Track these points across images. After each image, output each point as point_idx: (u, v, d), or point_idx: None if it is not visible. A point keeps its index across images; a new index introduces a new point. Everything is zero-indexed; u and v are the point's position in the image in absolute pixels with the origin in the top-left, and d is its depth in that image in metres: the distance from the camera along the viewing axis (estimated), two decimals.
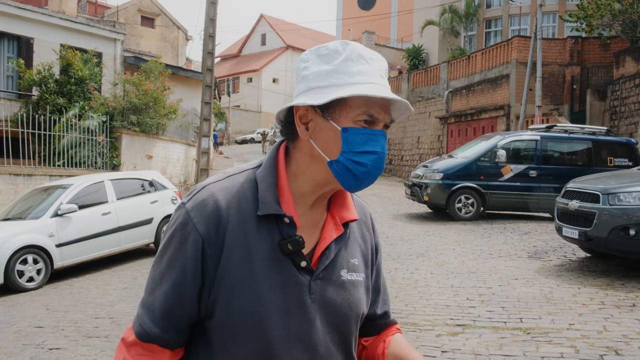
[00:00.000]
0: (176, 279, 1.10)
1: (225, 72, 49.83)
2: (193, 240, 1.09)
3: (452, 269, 7.07)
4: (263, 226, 1.12)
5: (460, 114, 21.12)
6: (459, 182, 11.14)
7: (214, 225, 1.09)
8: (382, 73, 1.14)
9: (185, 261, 1.10)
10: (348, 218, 1.22)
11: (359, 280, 1.23)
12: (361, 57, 1.12)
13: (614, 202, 6.31)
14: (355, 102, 1.09)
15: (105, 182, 9.02)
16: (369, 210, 1.37)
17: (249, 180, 1.16)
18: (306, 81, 1.13)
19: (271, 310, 1.09)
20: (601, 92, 17.09)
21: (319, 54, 1.14)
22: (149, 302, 1.14)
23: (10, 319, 6.05)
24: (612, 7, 16.05)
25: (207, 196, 1.12)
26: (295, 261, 1.13)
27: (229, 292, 1.09)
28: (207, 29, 15.19)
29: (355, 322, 1.23)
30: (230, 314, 1.09)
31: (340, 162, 1.10)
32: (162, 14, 29.50)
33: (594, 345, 4.25)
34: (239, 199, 1.13)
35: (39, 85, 13.71)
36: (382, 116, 1.12)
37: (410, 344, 4.58)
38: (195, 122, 18.97)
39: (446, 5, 28.55)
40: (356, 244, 1.26)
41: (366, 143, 1.10)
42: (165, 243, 1.15)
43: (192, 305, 1.11)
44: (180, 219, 1.12)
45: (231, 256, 1.09)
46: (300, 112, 1.14)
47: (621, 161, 11.30)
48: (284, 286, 1.11)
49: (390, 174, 25.97)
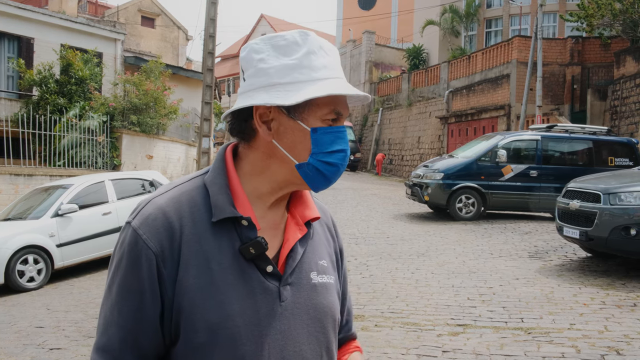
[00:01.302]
0: (132, 307, 0.99)
1: (225, 72, 49.83)
2: (146, 260, 0.99)
3: (453, 268, 7.06)
4: (220, 233, 1.02)
5: (460, 114, 21.12)
6: (460, 182, 11.13)
7: (166, 239, 1.00)
8: (339, 64, 1.08)
9: (140, 284, 0.99)
10: (310, 216, 1.14)
11: (330, 283, 1.14)
12: (321, 48, 1.04)
13: (615, 202, 6.31)
14: (323, 100, 1.02)
15: (105, 182, 9.02)
16: (330, 211, 1.29)
17: (197, 187, 1.07)
18: (265, 75, 1.03)
19: (240, 324, 1.00)
20: (602, 92, 17.08)
21: (275, 44, 1.04)
22: (103, 342, 1.01)
23: (11, 319, 6.05)
24: (612, 7, 16.04)
25: (154, 210, 1.02)
26: (260, 266, 1.04)
27: (191, 310, 0.98)
28: (207, 28, 15.19)
29: (333, 329, 1.14)
30: (195, 334, 0.99)
31: (310, 165, 1.03)
32: (162, 14, 29.49)
33: (595, 345, 4.25)
34: (190, 208, 1.03)
35: (39, 85, 13.71)
36: (345, 112, 1.07)
37: (411, 344, 4.58)
38: (195, 122, 18.97)
39: (446, 5, 28.54)
40: (322, 245, 1.18)
41: (334, 142, 1.04)
42: (113, 271, 1.03)
43: (156, 331, 1.00)
44: (127, 239, 1.01)
45: (189, 270, 0.99)
46: (261, 111, 1.04)
47: (622, 161, 11.29)
48: (251, 295, 1.02)
49: (391, 174, 25.96)
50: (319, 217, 1.17)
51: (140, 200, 1.09)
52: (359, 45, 31.67)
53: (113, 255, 1.05)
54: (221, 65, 51.13)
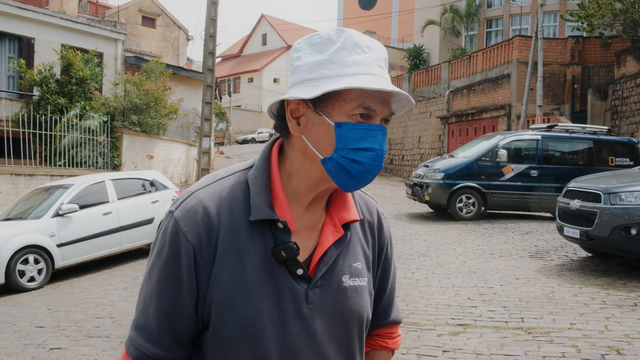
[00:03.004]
0: (171, 294, 1.03)
1: (226, 72, 49.86)
2: (185, 251, 1.02)
3: (453, 268, 7.06)
4: (256, 232, 1.05)
5: (461, 114, 21.12)
6: (460, 181, 11.13)
7: (205, 233, 1.03)
8: (380, 63, 1.05)
9: (179, 273, 1.03)
10: (348, 219, 1.13)
11: (362, 286, 1.15)
12: (357, 45, 1.03)
13: (615, 201, 6.31)
14: (350, 94, 1.01)
15: (106, 182, 9.02)
16: (377, 206, 1.27)
17: (239, 183, 1.09)
18: (299, 72, 1.05)
19: (266, 322, 1.03)
20: (602, 92, 17.07)
21: (312, 42, 1.06)
22: (142, 322, 1.06)
23: (11, 318, 6.05)
24: (613, 7, 16.04)
25: (195, 203, 1.05)
26: (291, 268, 1.06)
27: (222, 304, 1.02)
28: (208, 29, 15.19)
29: (359, 331, 1.15)
30: (223, 326, 1.03)
31: (334, 160, 1.02)
32: (162, 14, 29.51)
33: (595, 344, 4.25)
34: (229, 204, 1.05)
35: (40, 85, 13.72)
36: (379, 109, 1.03)
37: (412, 343, 4.57)
38: (196, 122, 18.98)
39: (447, 5, 28.54)
40: (359, 246, 1.17)
41: (362, 139, 1.02)
42: (154, 257, 1.07)
43: (192, 317, 1.05)
44: (169, 229, 1.05)
45: (223, 265, 1.03)
46: (292, 106, 1.06)
47: (622, 161, 11.29)
48: (279, 296, 1.04)
49: (391, 173, 25.96)
50: (357, 220, 1.16)
51: (184, 191, 1.12)
52: None
53: (155, 240, 1.09)
54: (222, 65, 51.17)
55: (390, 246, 1.28)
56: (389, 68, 1.13)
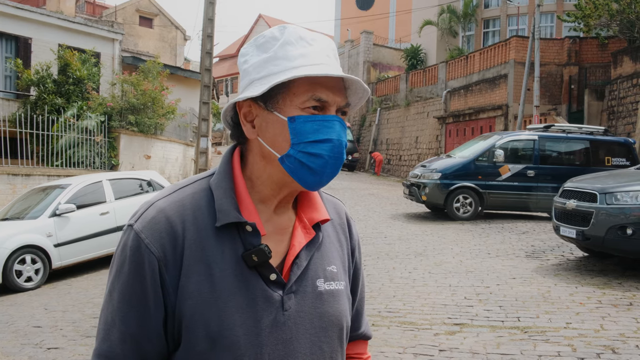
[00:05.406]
0: (136, 313, 0.96)
1: (223, 72, 49.82)
2: (149, 265, 0.96)
3: (450, 268, 7.08)
4: (223, 238, 0.99)
5: (458, 114, 21.14)
6: (457, 181, 11.15)
7: (169, 244, 0.96)
8: (328, 52, 1.01)
9: (143, 290, 0.96)
10: (318, 219, 1.08)
11: (339, 290, 1.09)
12: (302, 39, 1.00)
13: (612, 201, 6.33)
14: (299, 87, 0.97)
15: (103, 182, 9.02)
16: (344, 208, 1.22)
17: (202, 190, 1.03)
18: (247, 75, 1.02)
19: (240, 334, 0.96)
20: (599, 92, 17.11)
21: (257, 43, 1.03)
22: (105, 349, 0.98)
23: (9, 318, 6.05)
24: (609, 7, 16.07)
25: (156, 213, 0.99)
26: (264, 274, 0.99)
27: (191, 319, 0.95)
28: (205, 29, 15.18)
29: (339, 338, 1.08)
30: (195, 343, 0.96)
31: (291, 157, 0.98)
32: (160, 14, 29.46)
33: (591, 344, 4.27)
34: (193, 212, 0.99)
35: (37, 85, 13.70)
36: (332, 99, 0.98)
37: (408, 343, 4.59)
38: (193, 122, 18.97)
39: (444, 5, 28.57)
40: (333, 248, 1.12)
41: (318, 131, 0.97)
42: (114, 275, 0.99)
43: (160, 337, 0.98)
44: (129, 243, 0.98)
45: (191, 276, 0.96)
46: (244, 110, 1.02)
47: (619, 161, 11.33)
48: (253, 304, 0.98)
49: (389, 173, 25.98)
50: (328, 220, 1.11)
51: (142, 202, 1.05)
52: (357, 46, 31.66)
53: (114, 258, 1.02)
54: (219, 66, 51.12)
55: (359, 251, 1.22)
56: (386, 68, 1.13)
